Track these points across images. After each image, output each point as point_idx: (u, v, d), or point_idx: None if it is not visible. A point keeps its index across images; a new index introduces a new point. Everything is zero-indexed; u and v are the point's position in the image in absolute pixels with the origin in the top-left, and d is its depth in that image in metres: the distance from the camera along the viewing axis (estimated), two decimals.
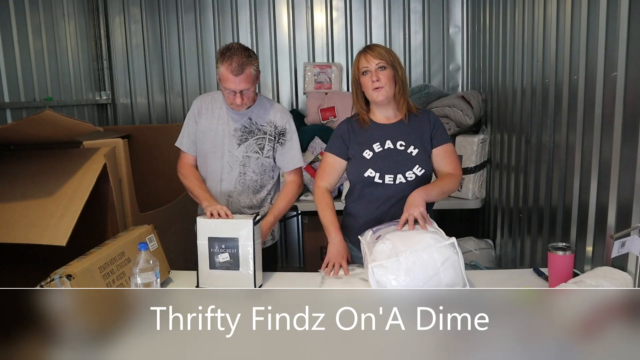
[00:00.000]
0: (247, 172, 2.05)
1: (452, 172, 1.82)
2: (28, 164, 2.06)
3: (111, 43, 3.88)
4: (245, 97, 1.92)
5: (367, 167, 1.81)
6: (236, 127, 2.02)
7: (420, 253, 1.43)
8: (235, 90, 1.89)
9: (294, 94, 3.87)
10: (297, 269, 3.97)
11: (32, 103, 2.89)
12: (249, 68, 1.87)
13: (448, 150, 1.85)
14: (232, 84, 1.87)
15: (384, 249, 1.48)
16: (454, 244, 1.46)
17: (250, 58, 1.88)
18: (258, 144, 2.03)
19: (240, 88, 1.88)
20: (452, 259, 1.44)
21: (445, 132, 1.89)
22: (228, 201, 2.07)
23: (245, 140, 2.02)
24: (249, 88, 1.90)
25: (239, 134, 2.02)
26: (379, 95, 1.78)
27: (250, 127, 2.02)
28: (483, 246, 3.02)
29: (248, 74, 1.87)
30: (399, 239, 1.50)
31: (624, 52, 1.51)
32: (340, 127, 1.94)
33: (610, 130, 1.59)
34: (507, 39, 2.65)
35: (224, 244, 1.67)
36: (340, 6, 3.76)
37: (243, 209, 2.10)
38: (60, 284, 1.37)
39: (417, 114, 1.87)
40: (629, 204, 1.47)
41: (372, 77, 1.77)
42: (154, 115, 3.96)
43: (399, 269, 1.41)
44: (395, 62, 1.79)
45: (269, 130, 2.03)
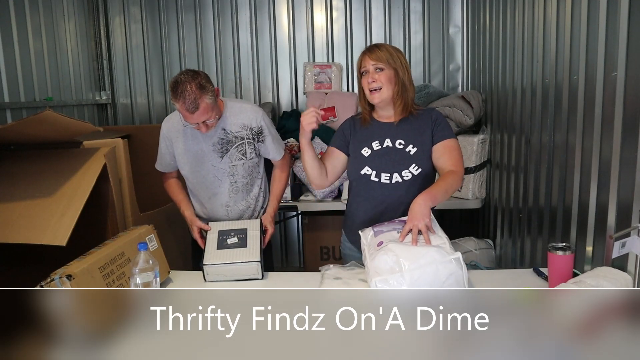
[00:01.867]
0: (237, 180, 2.09)
1: (453, 169, 1.76)
2: (28, 164, 2.06)
3: (111, 43, 3.88)
4: (209, 125, 1.90)
5: (363, 165, 1.81)
6: (214, 142, 2.02)
7: (425, 268, 1.41)
8: (197, 123, 1.88)
9: (294, 94, 3.87)
10: (297, 269, 3.97)
11: (32, 103, 2.89)
12: (203, 101, 1.82)
13: (449, 146, 1.79)
14: (191, 119, 1.86)
15: (387, 261, 1.45)
16: (459, 259, 1.44)
17: (202, 90, 1.82)
18: (240, 151, 2.04)
19: (201, 120, 1.86)
20: (457, 274, 1.42)
21: (448, 128, 1.82)
22: (227, 210, 2.12)
23: (226, 152, 2.03)
24: (209, 117, 1.88)
25: (218, 147, 2.02)
26: (374, 98, 1.78)
27: (227, 137, 2.02)
28: (483, 246, 3.02)
29: (204, 107, 1.83)
30: (403, 252, 1.46)
31: (624, 52, 1.51)
32: (343, 123, 1.96)
33: (610, 130, 1.59)
34: (507, 39, 2.65)
35: (233, 232, 1.82)
36: (340, 6, 3.76)
37: (242, 211, 2.15)
38: (60, 284, 1.37)
39: (420, 113, 1.84)
40: (629, 204, 1.47)
41: (369, 78, 1.76)
42: (154, 115, 3.96)
43: (402, 284, 1.40)
44: (397, 64, 1.76)
45: (245, 135, 2.04)
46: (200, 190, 2.13)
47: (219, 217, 2.13)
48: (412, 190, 1.74)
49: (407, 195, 1.75)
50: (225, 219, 2.12)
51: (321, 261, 3.32)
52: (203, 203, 2.16)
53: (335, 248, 3.32)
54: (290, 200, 3.24)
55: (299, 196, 3.28)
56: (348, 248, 1.96)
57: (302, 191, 3.32)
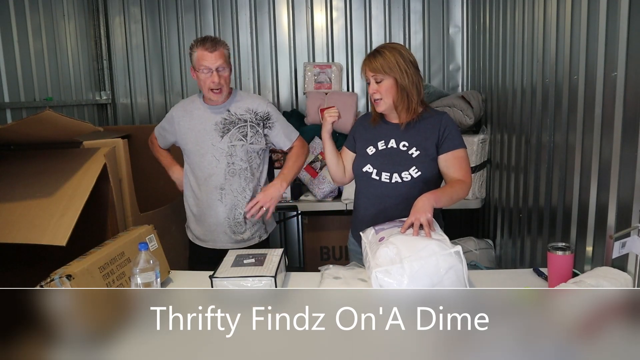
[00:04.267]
0: (235, 161, 2.11)
1: (462, 178, 1.77)
2: (28, 164, 2.06)
3: (111, 43, 3.88)
4: (221, 78, 2.03)
5: (366, 163, 1.84)
6: (216, 121, 2.11)
7: (426, 260, 1.41)
8: (211, 68, 2.01)
9: (293, 94, 3.87)
10: (297, 269, 3.97)
11: (32, 103, 2.89)
12: (221, 47, 2.03)
13: (458, 157, 1.78)
14: (208, 60, 2.00)
15: (388, 253, 1.46)
16: (459, 252, 1.44)
17: (222, 44, 2.05)
18: (241, 132, 2.11)
19: (216, 65, 2.01)
20: (457, 267, 1.42)
21: (459, 136, 1.81)
22: (220, 194, 2.12)
23: (227, 132, 2.11)
24: (224, 67, 2.03)
25: (220, 126, 2.10)
26: (378, 107, 1.82)
27: (230, 118, 2.11)
28: (483, 246, 3.03)
29: (222, 52, 2.03)
30: (404, 244, 1.48)
31: (624, 52, 1.51)
32: (356, 122, 2.03)
33: (610, 130, 1.59)
34: (507, 39, 2.65)
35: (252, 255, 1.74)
36: (340, 6, 3.76)
37: (235, 199, 2.12)
38: (60, 284, 1.37)
39: (429, 116, 1.83)
40: (629, 204, 1.47)
41: (370, 89, 1.80)
42: (154, 115, 3.96)
43: (403, 274, 1.40)
44: (394, 70, 1.73)
45: (249, 118, 2.12)
46: (197, 170, 2.14)
47: (212, 202, 2.12)
48: (412, 193, 1.73)
49: (407, 196, 1.75)
50: (219, 205, 2.12)
51: (321, 261, 3.32)
52: (199, 185, 2.14)
53: (335, 248, 3.32)
54: (290, 200, 3.24)
55: (299, 196, 3.28)
56: (352, 243, 2.01)
57: (302, 191, 3.32)
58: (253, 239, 2.20)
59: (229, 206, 2.12)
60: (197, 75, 2.06)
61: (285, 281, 1.76)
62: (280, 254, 1.75)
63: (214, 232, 2.16)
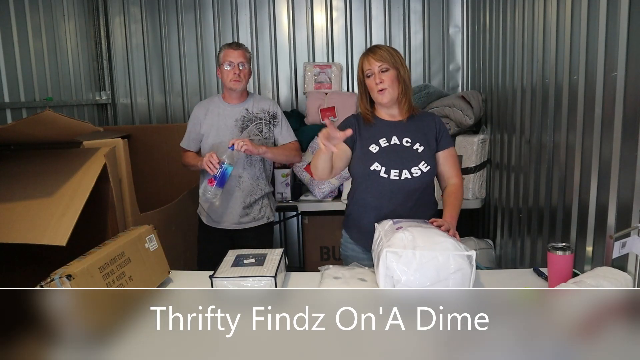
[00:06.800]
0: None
1: (456, 181, 1.87)
2: (28, 164, 2.05)
3: (111, 43, 3.88)
4: (242, 73, 2.34)
5: (373, 161, 1.82)
6: (237, 118, 2.41)
7: (438, 253, 1.42)
8: (234, 62, 2.32)
9: (293, 94, 3.87)
10: (297, 269, 3.97)
11: (32, 103, 2.89)
12: (244, 49, 2.38)
13: (453, 154, 1.90)
14: (231, 56, 2.33)
15: (403, 238, 1.48)
16: (472, 257, 1.44)
17: (244, 46, 2.39)
18: (257, 128, 2.43)
19: (238, 60, 2.33)
20: (465, 271, 1.42)
21: (449, 135, 1.94)
22: (239, 181, 2.41)
23: (246, 127, 2.42)
24: (244, 65, 2.35)
25: (240, 123, 2.41)
26: (384, 98, 1.81)
27: (248, 116, 2.43)
28: (483, 246, 3.02)
29: (244, 52, 2.36)
30: (421, 234, 1.50)
31: (624, 52, 1.51)
32: (348, 119, 1.95)
33: (610, 130, 1.59)
34: (507, 39, 2.65)
35: (252, 255, 1.77)
36: (340, 6, 3.76)
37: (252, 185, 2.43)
38: (60, 284, 1.37)
39: (420, 114, 1.91)
40: (629, 204, 1.47)
41: (376, 79, 1.79)
42: (154, 115, 3.96)
43: (412, 262, 1.40)
44: (398, 63, 1.81)
45: (263, 117, 2.44)
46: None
47: (232, 189, 2.39)
48: (421, 187, 1.80)
49: (416, 191, 1.80)
50: (237, 191, 2.40)
51: (321, 261, 3.32)
52: None
53: (335, 248, 3.32)
54: (290, 200, 3.24)
55: (299, 196, 3.28)
56: (350, 249, 1.96)
57: (302, 191, 3.32)
58: (262, 219, 2.49)
59: (246, 192, 2.42)
60: (220, 71, 2.36)
61: (285, 281, 1.76)
62: (280, 254, 1.76)
63: (229, 215, 2.45)
